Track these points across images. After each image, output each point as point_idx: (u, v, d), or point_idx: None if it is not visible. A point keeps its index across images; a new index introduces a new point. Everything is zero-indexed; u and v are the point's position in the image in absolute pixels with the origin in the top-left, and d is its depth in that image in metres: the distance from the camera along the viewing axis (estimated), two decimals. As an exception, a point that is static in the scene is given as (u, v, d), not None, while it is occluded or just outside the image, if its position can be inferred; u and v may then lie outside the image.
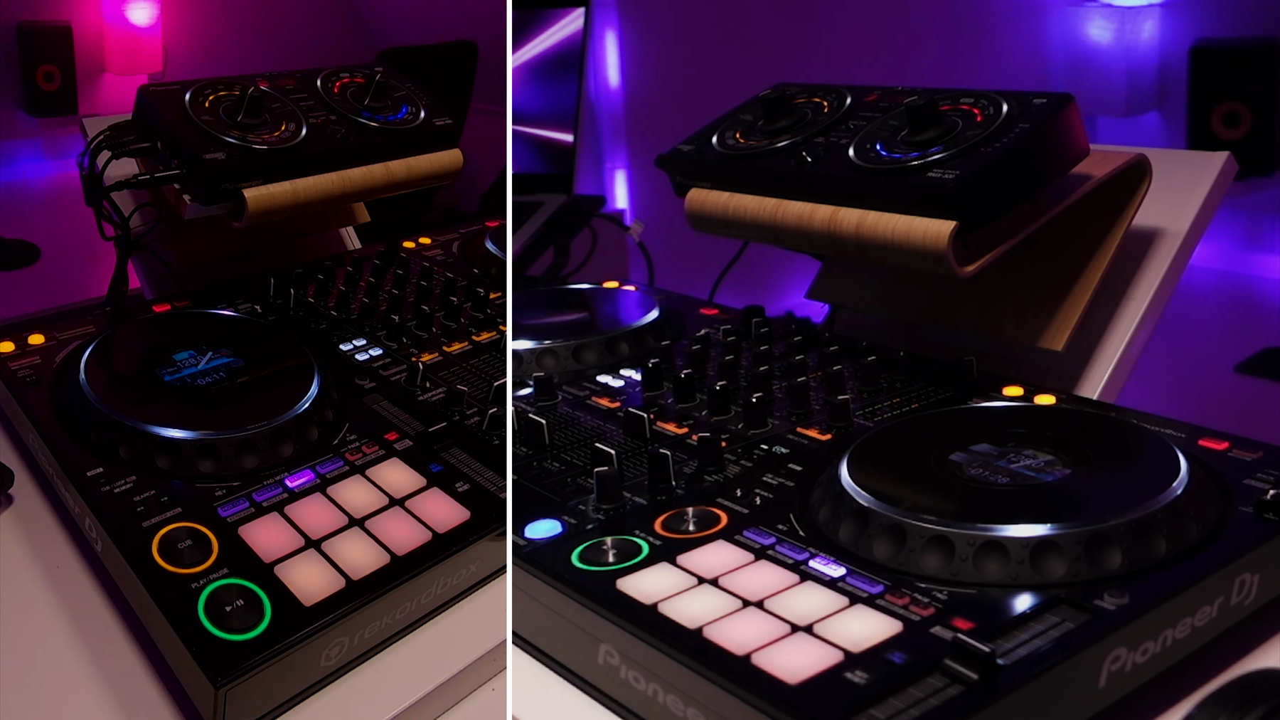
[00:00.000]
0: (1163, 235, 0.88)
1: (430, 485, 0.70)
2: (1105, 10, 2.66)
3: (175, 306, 0.96)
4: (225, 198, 0.91)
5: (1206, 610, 0.54)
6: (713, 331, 0.98)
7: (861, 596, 0.53)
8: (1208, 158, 0.91)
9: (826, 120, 0.89)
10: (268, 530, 0.64)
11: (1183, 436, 0.69)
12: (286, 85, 1.02)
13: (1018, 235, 0.79)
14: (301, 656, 0.57)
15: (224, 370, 0.81)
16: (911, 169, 0.78)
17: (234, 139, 0.91)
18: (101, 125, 0.96)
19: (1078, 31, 2.71)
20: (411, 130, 1.03)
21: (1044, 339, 0.85)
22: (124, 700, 0.59)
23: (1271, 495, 0.59)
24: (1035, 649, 0.48)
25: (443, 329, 0.94)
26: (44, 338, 0.87)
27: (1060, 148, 0.79)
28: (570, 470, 0.71)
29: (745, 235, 0.94)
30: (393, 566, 0.62)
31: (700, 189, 0.93)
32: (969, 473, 0.62)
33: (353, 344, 0.91)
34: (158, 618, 0.58)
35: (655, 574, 0.57)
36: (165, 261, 1.05)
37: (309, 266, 1.06)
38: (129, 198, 1.01)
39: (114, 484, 0.68)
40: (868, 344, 0.89)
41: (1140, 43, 2.63)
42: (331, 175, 0.97)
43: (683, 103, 2.38)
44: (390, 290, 1.02)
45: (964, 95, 0.82)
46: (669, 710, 0.52)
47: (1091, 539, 0.54)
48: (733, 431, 0.76)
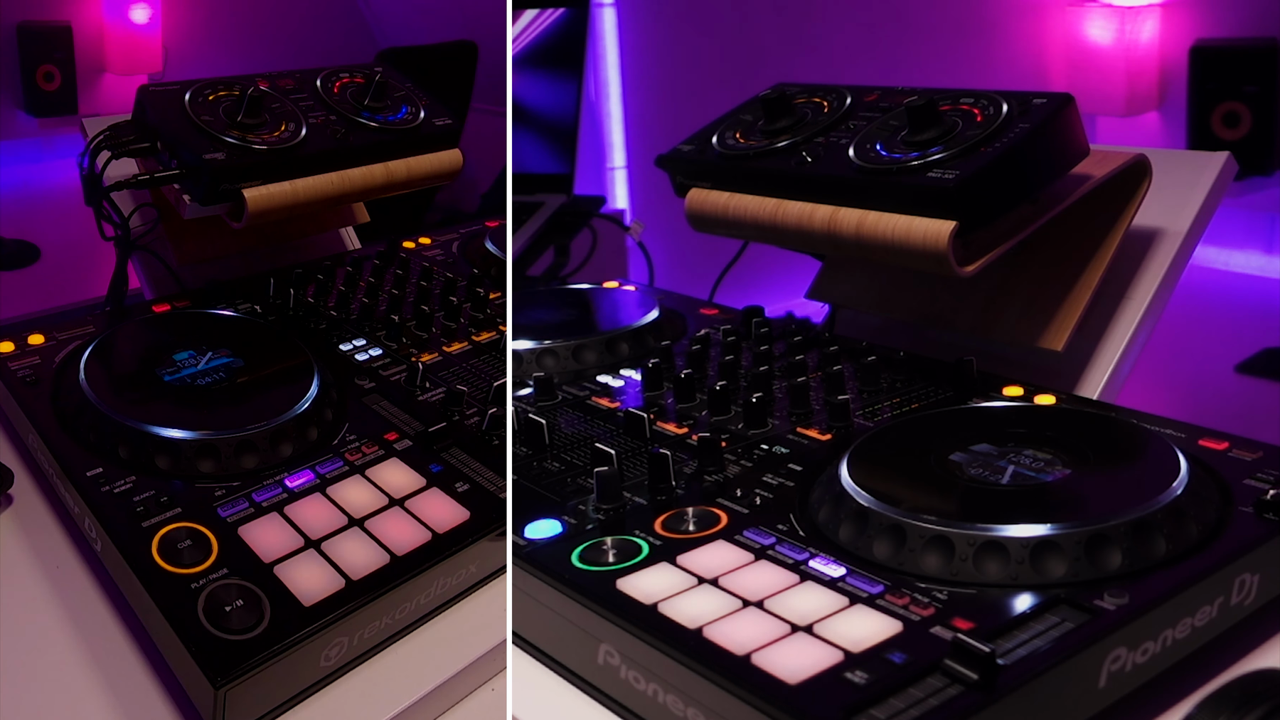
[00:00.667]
0: (1163, 235, 0.88)
1: (430, 485, 0.70)
2: (1105, 10, 2.66)
3: (175, 306, 0.96)
4: (225, 198, 0.91)
5: (1206, 610, 0.54)
6: (713, 331, 0.98)
7: (861, 596, 0.53)
8: (1208, 158, 0.91)
9: (826, 120, 0.89)
10: (267, 530, 0.64)
11: (1183, 436, 0.69)
12: (286, 85, 1.02)
13: (1018, 235, 0.79)
14: (301, 656, 0.57)
15: (224, 370, 0.81)
16: (911, 169, 0.78)
17: (234, 139, 0.91)
18: (101, 125, 0.96)
19: (1078, 31, 2.72)
20: (411, 130, 1.03)
21: (1044, 339, 0.85)
22: (124, 700, 0.59)
23: (1271, 495, 0.59)
24: (1035, 649, 0.48)
25: (443, 329, 0.94)
26: (44, 338, 0.87)
27: (1060, 148, 0.79)
28: (570, 470, 0.71)
29: (745, 235, 0.94)
30: (392, 566, 0.62)
31: (700, 189, 0.93)
32: (969, 473, 0.62)
33: (353, 344, 0.90)
34: (157, 618, 0.58)
35: (655, 574, 0.57)
36: (165, 261, 1.05)
37: (309, 266, 1.06)
38: (129, 198, 1.01)
39: (114, 484, 0.68)
40: (868, 344, 0.89)
41: (1140, 43, 2.64)
42: (331, 175, 0.97)
43: (683, 103, 2.38)
44: (390, 290, 1.02)
45: (964, 95, 0.82)
46: (669, 710, 0.52)
47: (1091, 539, 0.54)
48: (733, 431, 0.76)
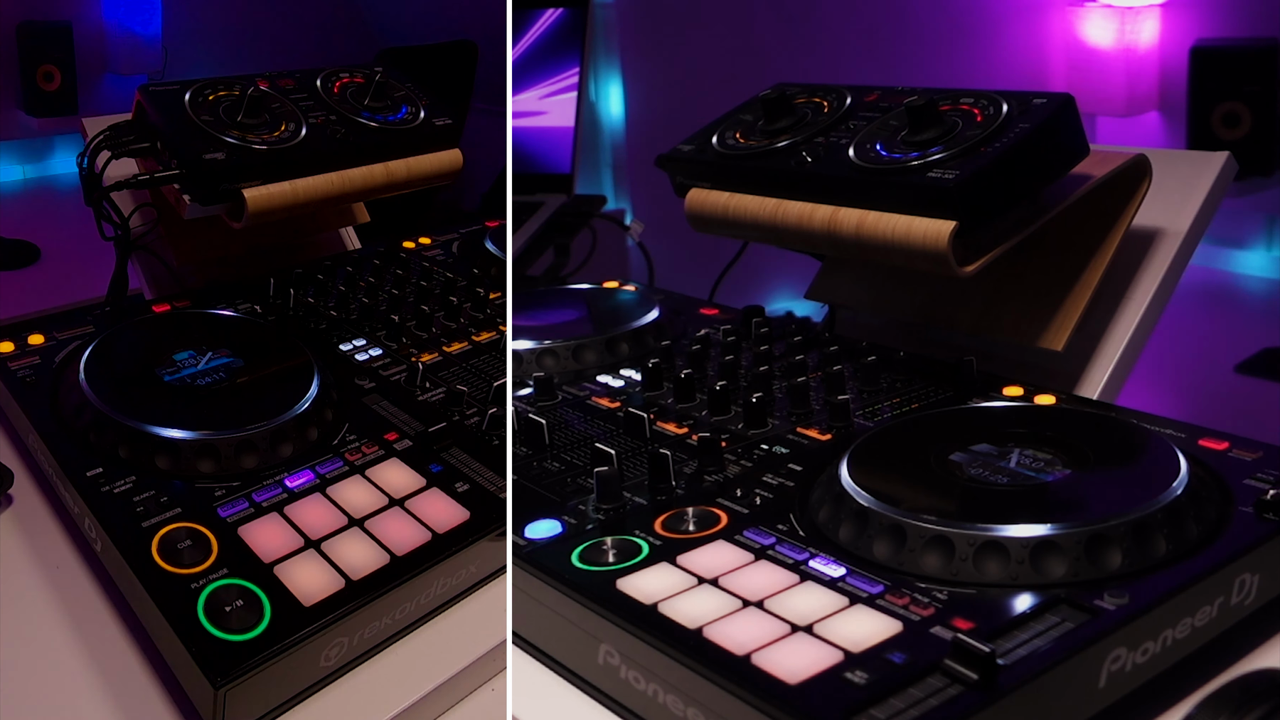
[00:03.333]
0: (1163, 235, 0.88)
1: (430, 485, 0.70)
2: (1105, 10, 2.66)
3: (175, 306, 0.96)
4: (225, 198, 0.91)
5: (1206, 610, 0.54)
6: (713, 331, 0.98)
7: (861, 596, 0.53)
8: (1208, 158, 0.91)
9: (826, 120, 0.89)
10: (267, 530, 0.64)
11: (1183, 436, 0.69)
12: (286, 85, 1.02)
13: (1018, 235, 0.79)
14: (301, 657, 0.57)
15: (224, 370, 0.81)
16: (911, 169, 0.78)
17: (234, 139, 0.91)
18: (101, 125, 0.96)
19: (1078, 31, 2.71)
20: (411, 130, 1.03)
21: (1044, 339, 0.85)
22: (124, 700, 0.59)
23: (1271, 495, 0.59)
24: (1035, 649, 0.48)
25: (443, 329, 0.94)
26: (44, 338, 0.87)
27: (1060, 148, 0.79)
28: (570, 470, 0.71)
29: (745, 235, 0.94)
30: (392, 566, 0.62)
31: (700, 189, 0.93)
32: (969, 473, 0.62)
33: (353, 344, 0.90)
34: (157, 618, 0.58)
35: (655, 574, 0.57)
36: (165, 261, 1.05)
37: (309, 266, 1.06)
38: (129, 198, 1.01)
39: (114, 484, 0.68)
40: (868, 344, 0.89)
41: (1140, 43, 2.63)
42: (331, 175, 0.97)
43: (683, 103, 2.38)
44: (390, 290, 1.02)
45: (964, 95, 0.82)
46: (669, 710, 0.52)
47: (1091, 539, 0.54)
48: (733, 431, 0.76)
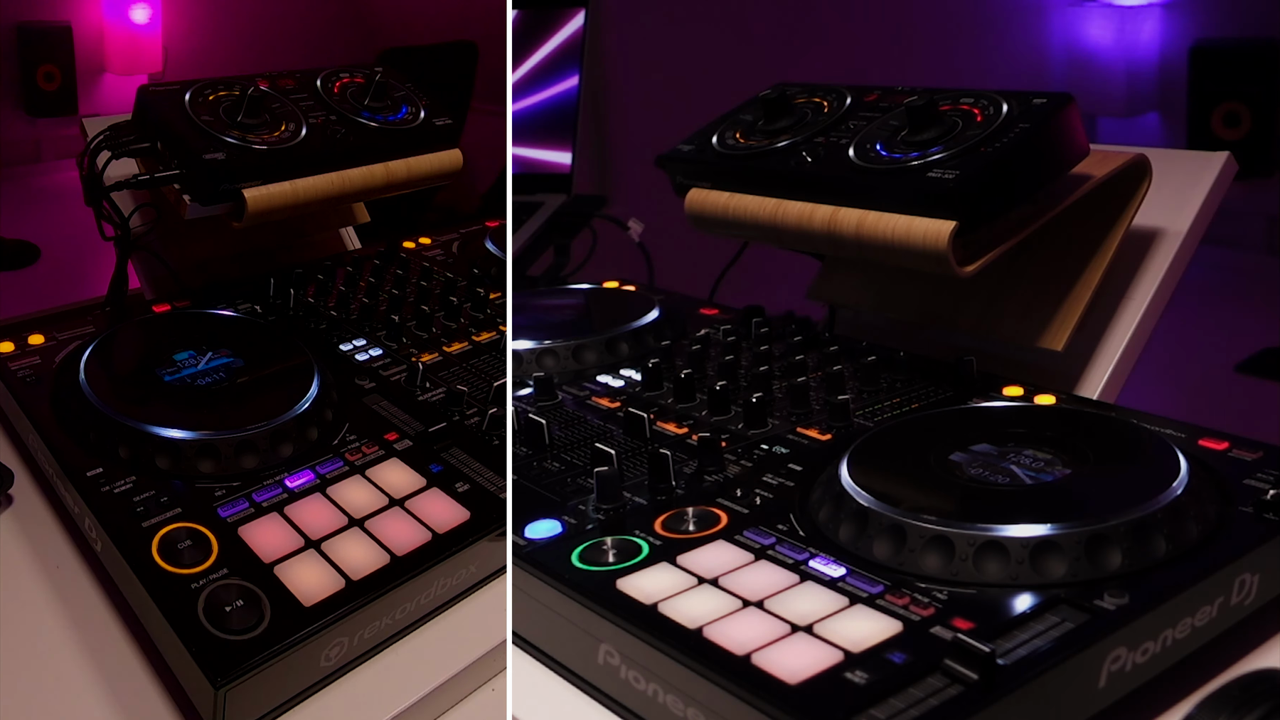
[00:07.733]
0: (1163, 235, 0.88)
1: (430, 485, 0.70)
2: (1105, 10, 2.66)
3: (175, 306, 0.96)
4: (225, 198, 0.91)
5: (1206, 610, 0.54)
6: (713, 331, 0.98)
7: (861, 596, 0.53)
8: (1208, 158, 0.91)
9: (826, 120, 0.89)
10: (267, 530, 0.64)
11: (1183, 436, 0.69)
12: (286, 85, 1.02)
13: (1018, 235, 0.79)
14: (301, 657, 0.57)
15: (224, 370, 0.81)
16: (911, 169, 0.78)
17: (234, 139, 0.91)
18: (101, 125, 0.96)
19: (1078, 31, 2.71)
20: (411, 130, 1.03)
21: (1044, 339, 0.85)
22: (124, 700, 0.59)
23: (1271, 495, 0.59)
24: (1035, 649, 0.48)
25: (443, 329, 0.94)
26: (44, 338, 0.87)
27: (1060, 148, 0.79)
28: (570, 470, 0.71)
29: (745, 235, 0.94)
30: (393, 567, 0.62)
31: (700, 189, 0.93)
32: (969, 473, 0.62)
33: (353, 344, 0.90)
34: (157, 618, 0.58)
35: (655, 574, 0.57)
36: (165, 261, 1.05)
37: (309, 266, 1.06)
38: (129, 198, 1.01)
39: (114, 484, 0.68)
40: (868, 344, 0.89)
41: (1140, 43, 2.63)
42: (331, 175, 0.97)
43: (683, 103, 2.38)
44: (390, 290, 1.02)
45: (964, 95, 0.82)
46: (669, 710, 0.52)
47: (1091, 539, 0.54)
48: (733, 431, 0.76)
